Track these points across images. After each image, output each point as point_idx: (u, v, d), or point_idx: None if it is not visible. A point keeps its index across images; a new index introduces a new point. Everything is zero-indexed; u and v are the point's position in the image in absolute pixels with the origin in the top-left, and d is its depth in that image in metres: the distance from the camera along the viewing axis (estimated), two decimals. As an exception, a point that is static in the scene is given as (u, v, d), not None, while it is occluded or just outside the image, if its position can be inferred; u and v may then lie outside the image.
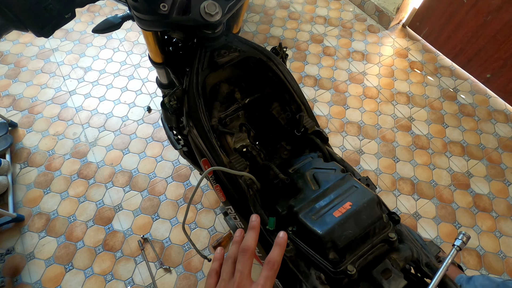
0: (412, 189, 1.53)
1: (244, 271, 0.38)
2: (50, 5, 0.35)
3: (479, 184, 1.55)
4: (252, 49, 0.68)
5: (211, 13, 0.56)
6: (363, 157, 1.63)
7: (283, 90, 0.70)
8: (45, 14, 0.35)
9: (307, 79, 1.90)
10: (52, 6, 0.35)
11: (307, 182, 0.59)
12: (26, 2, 0.33)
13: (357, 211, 0.50)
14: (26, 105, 1.73)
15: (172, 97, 0.64)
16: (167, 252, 1.36)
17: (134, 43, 2.01)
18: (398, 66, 1.97)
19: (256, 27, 2.12)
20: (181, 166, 1.57)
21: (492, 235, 1.42)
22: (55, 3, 0.35)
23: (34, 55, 1.93)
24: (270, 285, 0.37)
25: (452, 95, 1.85)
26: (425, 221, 1.45)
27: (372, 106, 1.80)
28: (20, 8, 0.33)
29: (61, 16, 0.37)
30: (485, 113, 1.78)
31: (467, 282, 1.10)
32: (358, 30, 2.14)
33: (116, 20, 0.67)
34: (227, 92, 0.73)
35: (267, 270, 0.37)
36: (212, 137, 0.62)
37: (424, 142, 1.68)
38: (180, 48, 0.77)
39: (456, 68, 1.96)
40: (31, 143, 1.61)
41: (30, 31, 0.36)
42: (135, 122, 1.70)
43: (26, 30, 0.36)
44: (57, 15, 0.36)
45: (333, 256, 0.48)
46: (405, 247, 0.53)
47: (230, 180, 0.64)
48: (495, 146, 1.67)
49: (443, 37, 1.94)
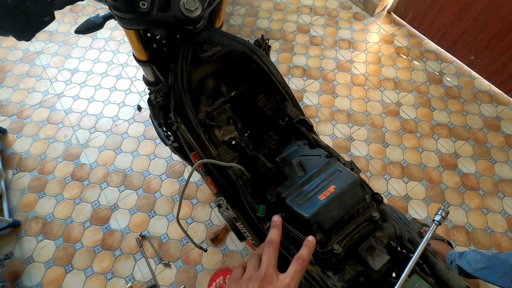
0: (402, 173, 1.57)
1: (271, 260, 0.38)
2: (28, 9, 0.36)
3: (466, 164, 1.60)
4: (234, 43, 0.69)
5: (190, 8, 0.57)
6: (353, 144, 1.66)
7: (268, 81, 0.72)
8: (24, 18, 0.36)
9: (295, 69, 1.91)
10: (31, 10, 0.36)
11: (294, 169, 0.61)
12: (5, 8, 0.34)
13: (341, 194, 0.52)
14: (14, 111, 1.72)
15: (158, 94, 0.65)
16: (166, 248, 1.38)
17: (120, 42, 1.99)
18: (385, 52, 1.99)
19: (242, 20, 2.12)
20: (175, 163, 1.58)
21: (479, 212, 1.47)
22: (33, 6, 0.36)
23: (18, 59, 1.90)
24: (298, 278, 0.37)
25: (438, 79, 1.89)
26: (415, 202, 1.49)
27: (360, 93, 1.83)
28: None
29: (40, 19, 0.38)
30: (470, 95, 1.82)
31: (459, 258, 1.15)
32: (344, 18, 2.15)
33: (98, 20, 0.67)
34: (213, 86, 0.74)
35: (296, 265, 0.38)
36: (200, 131, 0.64)
37: (412, 126, 1.72)
38: (163, 45, 0.78)
39: (441, 52, 1.99)
40: (22, 148, 1.60)
41: (11, 36, 0.37)
42: (126, 122, 1.70)
43: (7, 34, 0.37)
44: (36, 18, 0.37)
45: (320, 237, 0.51)
46: (388, 225, 0.56)
47: (220, 171, 0.66)
48: (481, 126, 1.71)
49: (427, 22, 1.96)
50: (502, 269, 0.98)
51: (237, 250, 1.38)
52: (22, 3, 0.35)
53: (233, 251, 1.37)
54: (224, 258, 1.36)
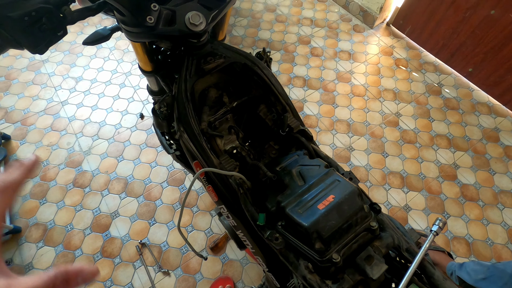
0: (401, 183, 1.58)
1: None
2: (44, 25, 0.38)
3: (466, 174, 1.60)
4: (236, 55, 0.72)
5: (195, 23, 0.59)
6: (353, 154, 1.67)
7: (269, 92, 0.74)
8: (39, 33, 0.38)
9: (296, 80, 1.94)
10: (46, 26, 0.38)
11: (294, 179, 0.62)
12: (22, 24, 0.36)
13: (340, 203, 0.53)
14: (19, 117, 1.74)
15: (162, 104, 0.67)
16: (165, 256, 1.38)
17: (124, 52, 2.03)
18: (384, 64, 2.03)
19: (244, 31, 2.16)
20: (176, 171, 1.59)
21: (479, 223, 1.47)
22: (48, 23, 0.38)
23: (24, 67, 1.93)
24: None
25: (437, 90, 1.91)
26: (415, 212, 1.50)
27: (360, 103, 1.85)
28: (16, 30, 0.36)
29: (54, 35, 0.40)
30: (469, 106, 1.85)
31: (459, 269, 1.15)
32: (344, 30, 2.19)
33: (106, 32, 0.69)
34: (215, 96, 0.76)
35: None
36: (202, 140, 0.65)
37: (412, 137, 1.73)
38: (168, 56, 0.80)
39: (439, 64, 2.02)
40: (25, 154, 1.62)
41: (26, 49, 0.39)
42: (128, 129, 1.72)
43: (22, 48, 0.39)
44: (51, 33, 0.39)
45: (318, 246, 0.52)
46: (386, 235, 0.57)
47: (221, 180, 0.67)
48: (480, 137, 1.73)
49: (426, 34, 2.00)
50: (501, 279, 0.98)
51: (237, 259, 1.37)
52: (38, 20, 0.37)
53: (233, 260, 1.37)
54: (223, 267, 1.36)
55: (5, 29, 0.36)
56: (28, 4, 0.36)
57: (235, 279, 1.33)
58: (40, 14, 0.37)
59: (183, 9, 0.59)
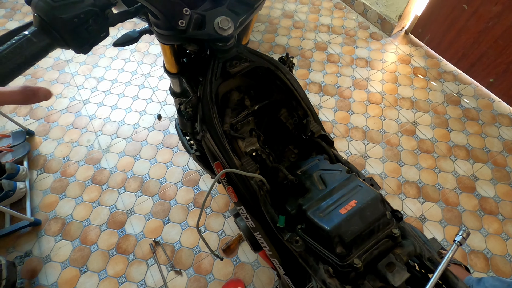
0: (417, 193, 1.55)
1: None
2: (90, 26, 0.40)
3: (485, 187, 1.56)
4: (261, 59, 0.73)
5: (224, 27, 0.61)
6: (368, 162, 1.66)
7: (291, 97, 0.75)
8: (85, 34, 0.41)
9: (312, 85, 1.95)
10: (92, 27, 0.41)
11: (315, 183, 0.63)
12: (72, 25, 0.39)
13: (362, 208, 0.54)
14: (43, 114, 1.81)
15: (188, 105, 0.69)
16: (178, 255, 1.39)
17: (145, 54, 2.09)
18: (402, 72, 2.01)
19: (261, 36, 2.19)
20: (191, 172, 1.62)
21: (499, 238, 1.43)
22: (94, 24, 0.41)
23: (49, 66, 2.01)
24: None
25: (456, 100, 1.88)
26: (431, 224, 1.47)
27: (376, 111, 1.84)
28: (66, 30, 0.39)
29: (98, 35, 0.42)
30: (489, 117, 1.80)
31: (477, 284, 1.11)
32: (361, 38, 2.19)
33: (135, 34, 0.72)
34: (237, 99, 0.78)
35: None
36: (225, 141, 0.67)
37: (429, 146, 1.70)
38: (193, 59, 0.83)
39: (459, 73, 1.98)
40: (47, 150, 1.68)
41: (71, 49, 0.42)
42: (146, 130, 1.76)
43: (68, 48, 0.41)
44: (95, 34, 0.42)
45: (340, 250, 0.52)
46: (408, 243, 0.56)
47: (242, 181, 0.68)
48: (500, 150, 1.68)
49: (445, 43, 1.97)
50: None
51: (248, 262, 1.38)
52: (86, 22, 0.40)
53: (245, 263, 1.38)
54: (235, 269, 1.36)
55: (55, 29, 0.38)
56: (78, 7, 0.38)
57: (246, 282, 1.33)
58: (88, 16, 0.39)
59: (213, 14, 0.61)
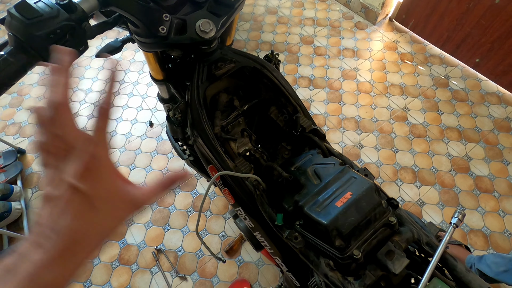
0: (413, 177, 1.57)
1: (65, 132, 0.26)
2: (67, 41, 0.40)
3: (479, 166, 1.58)
4: (246, 59, 0.73)
5: (206, 30, 0.60)
6: (363, 151, 1.67)
7: (279, 94, 0.75)
8: None
9: (301, 80, 1.95)
10: (69, 42, 0.40)
11: (309, 178, 0.63)
12: (48, 41, 0.38)
13: (357, 200, 0.54)
14: (32, 132, 1.78)
15: (176, 111, 0.69)
16: (181, 261, 1.39)
17: (131, 62, 2.07)
18: (389, 59, 2.02)
19: (247, 35, 2.18)
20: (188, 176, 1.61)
21: (496, 215, 1.45)
22: (71, 39, 0.40)
23: (35, 82, 1.98)
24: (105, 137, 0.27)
25: (444, 82, 1.90)
26: (429, 207, 1.48)
27: (367, 100, 1.85)
28: (42, 47, 0.38)
29: (77, 50, 0.42)
30: (478, 97, 1.83)
31: (479, 262, 1.13)
32: (347, 28, 2.19)
33: (117, 43, 0.71)
34: (226, 101, 0.78)
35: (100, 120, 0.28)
36: (217, 144, 0.67)
37: (421, 131, 1.72)
38: (178, 64, 0.82)
39: (445, 56, 2.00)
40: (40, 167, 1.66)
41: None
42: (138, 138, 1.75)
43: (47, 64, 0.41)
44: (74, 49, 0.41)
45: (339, 243, 0.52)
46: (405, 229, 0.57)
47: (237, 183, 0.68)
48: (491, 128, 1.71)
49: (430, 27, 1.99)
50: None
51: (252, 261, 1.38)
52: (63, 37, 0.39)
53: (248, 262, 1.38)
54: (239, 269, 1.37)
55: (32, 47, 0.38)
56: (53, 23, 0.38)
57: (251, 281, 1.34)
58: (64, 31, 0.39)
59: (193, 18, 0.61)
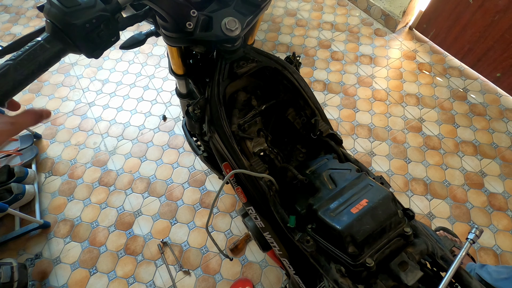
0: (425, 190, 1.54)
1: None
2: (102, 31, 0.41)
3: (493, 183, 1.55)
4: (268, 60, 0.73)
5: (231, 28, 0.61)
6: (374, 159, 1.65)
7: (298, 96, 0.75)
8: (97, 39, 0.41)
9: (316, 84, 1.94)
10: (103, 32, 0.41)
11: (324, 182, 0.63)
12: (84, 30, 0.39)
13: (373, 208, 0.53)
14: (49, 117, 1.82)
15: (196, 106, 0.69)
16: (186, 255, 1.40)
17: (148, 55, 2.09)
18: (407, 68, 1.99)
19: (264, 35, 2.18)
20: (197, 172, 1.62)
21: (508, 234, 1.41)
22: (105, 29, 0.41)
23: (55, 70, 2.03)
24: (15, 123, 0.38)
25: (462, 95, 1.86)
26: (439, 221, 1.46)
27: (381, 108, 1.83)
28: (78, 36, 0.39)
29: (109, 40, 0.43)
30: (496, 112, 1.78)
31: (480, 268, 1.11)
32: (365, 34, 2.17)
33: (141, 36, 0.72)
34: (244, 100, 0.78)
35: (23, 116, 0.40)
36: (233, 142, 0.67)
37: (436, 143, 1.69)
38: (200, 60, 0.83)
39: (465, 68, 1.96)
40: (55, 153, 1.70)
41: (83, 54, 0.42)
42: (151, 131, 1.77)
43: (80, 53, 0.42)
44: (106, 39, 0.42)
45: (352, 249, 0.52)
46: (420, 241, 0.56)
47: (251, 182, 0.68)
48: (508, 145, 1.66)
49: (451, 38, 1.96)
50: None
51: (256, 261, 1.38)
52: (97, 27, 0.40)
53: (252, 262, 1.38)
54: (243, 268, 1.37)
55: (68, 35, 0.38)
56: (90, 12, 0.39)
57: (254, 281, 1.34)
58: (100, 21, 0.40)
59: (220, 15, 0.61)
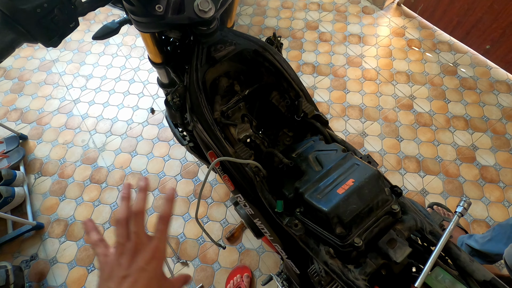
0: (417, 167, 1.55)
1: (139, 231, 0.38)
2: (56, 17, 0.38)
3: (485, 156, 1.55)
4: (247, 41, 0.70)
5: (204, 9, 0.58)
6: (366, 139, 1.64)
7: (281, 78, 0.72)
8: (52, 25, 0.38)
9: (305, 66, 1.91)
10: (58, 18, 0.38)
11: (311, 164, 0.61)
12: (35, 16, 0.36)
13: (360, 187, 0.52)
14: (34, 117, 1.78)
15: (174, 95, 0.67)
16: (183, 247, 1.40)
17: (132, 47, 2.03)
18: (396, 46, 1.96)
19: (250, 20, 2.13)
20: (189, 163, 1.61)
21: (501, 205, 1.43)
22: (60, 14, 0.38)
23: (36, 68, 1.97)
24: (165, 237, 0.39)
25: (452, 70, 1.84)
26: (432, 196, 1.47)
27: (372, 88, 1.81)
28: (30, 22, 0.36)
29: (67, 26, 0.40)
30: (487, 85, 1.77)
31: (469, 238, 1.13)
32: (353, 13, 2.12)
33: (114, 25, 0.69)
34: (226, 85, 0.75)
35: (161, 224, 0.39)
36: (216, 129, 0.65)
37: (427, 119, 1.68)
38: (177, 47, 0.79)
39: (454, 42, 1.94)
40: (43, 153, 1.66)
41: (40, 43, 0.39)
42: (140, 125, 1.74)
43: (36, 42, 0.39)
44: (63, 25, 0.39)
45: (339, 230, 0.51)
46: (408, 218, 0.55)
47: (237, 169, 0.66)
48: (499, 117, 1.66)
49: (439, 12, 1.92)
50: (505, 234, 0.95)
51: (253, 248, 1.39)
52: (50, 12, 0.37)
53: (249, 249, 1.38)
54: (240, 256, 1.37)
55: (18, 22, 0.36)
56: (39, -4, 0.36)
57: (252, 267, 1.34)
58: (52, 5, 0.37)
59: (191, -4, 0.58)
